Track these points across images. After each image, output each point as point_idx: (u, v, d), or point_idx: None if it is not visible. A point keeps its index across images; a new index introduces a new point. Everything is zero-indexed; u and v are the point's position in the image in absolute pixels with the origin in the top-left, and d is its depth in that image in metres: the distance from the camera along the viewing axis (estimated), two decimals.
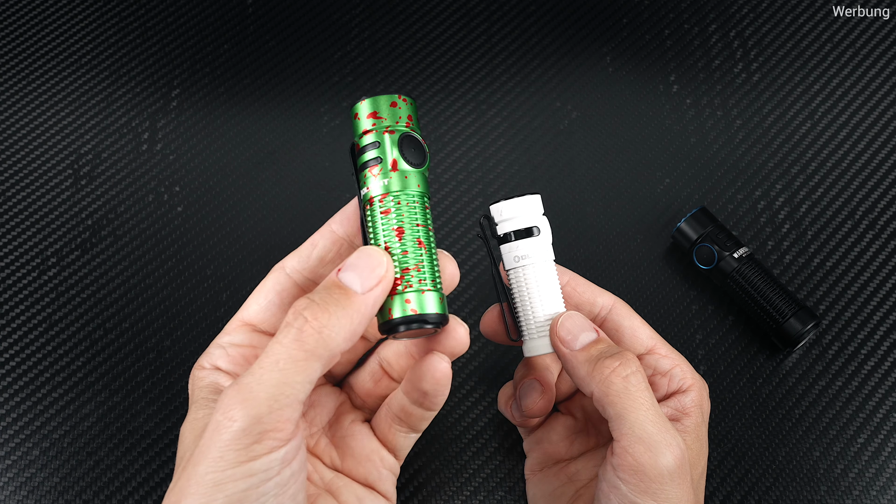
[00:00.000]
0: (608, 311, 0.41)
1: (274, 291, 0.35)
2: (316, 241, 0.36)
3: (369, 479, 0.38)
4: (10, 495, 0.47)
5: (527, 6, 0.60)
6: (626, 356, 0.36)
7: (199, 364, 0.35)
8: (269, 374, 0.29)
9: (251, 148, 0.56)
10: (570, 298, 0.41)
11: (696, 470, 0.38)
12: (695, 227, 0.50)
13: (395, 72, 0.58)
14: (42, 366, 0.50)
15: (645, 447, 0.34)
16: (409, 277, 0.33)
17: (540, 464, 0.44)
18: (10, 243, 0.53)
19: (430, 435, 0.48)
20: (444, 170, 0.55)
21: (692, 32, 0.59)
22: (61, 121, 0.57)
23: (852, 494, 0.47)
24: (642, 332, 0.41)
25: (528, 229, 0.38)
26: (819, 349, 0.50)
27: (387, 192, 0.33)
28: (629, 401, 0.35)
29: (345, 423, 0.39)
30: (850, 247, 0.52)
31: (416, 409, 0.37)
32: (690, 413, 0.38)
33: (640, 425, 0.34)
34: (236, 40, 0.59)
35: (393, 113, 0.34)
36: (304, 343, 0.30)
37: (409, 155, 0.34)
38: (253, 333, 0.35)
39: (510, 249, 0.39)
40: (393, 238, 0.33)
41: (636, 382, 0.35)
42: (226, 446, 0.28)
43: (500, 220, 0.39)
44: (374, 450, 0.39)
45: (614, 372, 0.35)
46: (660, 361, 0.40)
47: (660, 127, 0.56)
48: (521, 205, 0.39)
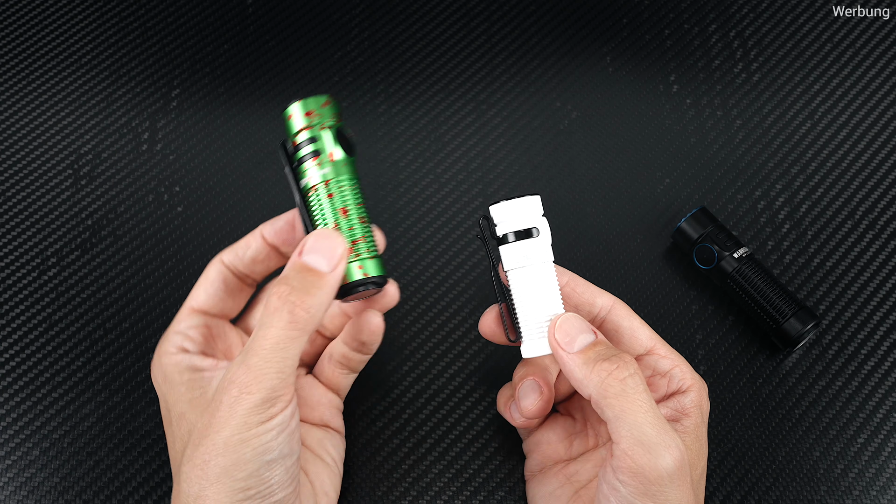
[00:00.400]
0: (607, 312, 0.41)
1: (219, 280, 0.41)
2: (249, 242, 0.41)
3: (324, 419, 0.44)
4: (10, 495, 0.47)
5: (527, 6, 0.60)
6: (624, 358, 0.36)
7: (163, 351, 0.40)
8: (272, 354, 0.35)
9: (251, 148, 0.56)
10: (569, 299, 0.41)
11: (696, 471, 0.38)
12: (695, 227, 0.50)
13: (395, 72, 0.58)
14: (42, 366, 0.50)
15: (644, 449, 0.34)
16: (358, 248, 0.39)
17: (539, 465, 0.44)
18: (10, 243, 0.53)
19: (431, 437, 0.48)
20: (444, 170, 0.55)
21: (692, 32, 0.59)
22: (61, 121, 0.57)
23: (852, 494, 0.47)
24: (642, 332, 0.41)
25: (528, 230, 0.39)
26: (819, 349, 0.50)
27: (329, 179, 0.38)
28: (627, 403, 0.35)
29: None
30: (850, 247, 0.52)
31: (356, 355, 0.43)
32: (690, 413, 0.38)
33: (639, 427, 0.34)
34: (236, 40, 0.59)
35: (325, 111, 0.39)
36: (296, 323, 0.35)
37: (344, 146, 0.39)
38: (204, 316, 0.41)
39: (509, 250, 0.39)
40: (340, 217, 0.38)
41: (634, 385, 0.35)
42: (248, 413, 0.35)
43: (499, 220, 0.39)
44: (322, 394, 0.45)
45: (612, 375, 0.35)
46: (659, 362, 0.40)
47: (660, 127, 0.56)
48: (521, 206, 0.39)
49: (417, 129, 0.56)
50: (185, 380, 0.39)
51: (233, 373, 0.36)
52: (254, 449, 0.35)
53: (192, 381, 0.39)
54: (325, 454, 0.44)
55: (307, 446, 0.43)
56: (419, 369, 0.50)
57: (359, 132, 0.56)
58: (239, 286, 0.42)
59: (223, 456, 0.35)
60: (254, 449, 0.35)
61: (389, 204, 0.54)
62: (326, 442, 0.44)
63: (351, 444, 0.48)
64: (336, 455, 0.45)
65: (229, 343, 0.43)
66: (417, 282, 0.52)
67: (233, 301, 0.42)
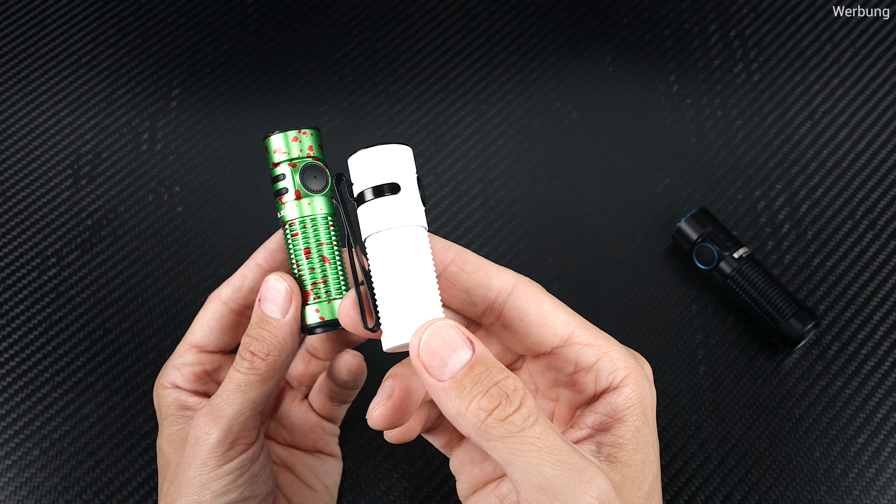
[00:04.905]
0: (507, 296, 0.32)
1: (214, 319, 0.41)
2: (245, 273, 0.40)
3: (317, 446, 0.45)
4: (10, 495, 0.47)
5: (527, 6, 0.60)
6: (505, 389, 0.28)
7: (160, 384, 0.41)
8: (233, 395, 0.36)
9: (251, 148, 0.56)
10: (456, 281, 0.32)
11: (641, 489, 0.30)
12: (695, 227, 0.50)
13: (395, 72, 0.58)
14: (42, 366, 0.50)
15: (549, 497, 0.27)
16: (317, 290, 0.38)
17: (470, 487, 0.36)
18: (10, 243, 0.53)
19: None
20: (445, 170, 0.55)
21: (692, 32, 0.59)
22: (61, 121, 0.57)
23: (852, 494, 0.47)
24: (554, 317, 0.32)
25: (389, 185, 0.31)
26: (819, 349, 0.50)
27: (293, 219, 0.38)
28: (515, 444, 0.28)
29: (287, 404, 0.46)
30: (850, 247, 0.52)
31: (342, 390, 0.44)
32: (625, 417, 0.31)
33: (536, 471, 0.27)
34: (236, 40, 0.59)
35: (294, 147, 0.38)
36: (257, 370, 0.37)
37: (310, 183, 0.38)
38: (200, 354, 0.41)
39: (365, 211, 0.31)
40: (302, 258, 0.38)
41: (521, 421, 0.28)
42: (207, 454, 0.36)
43: (356, 177, 0.32)
44: (315, 422, 0.46)
45: (491, 416, 0.28)
46: (581, 353, 0.32)
47: (660, 127, 0.56)
48: (380, 156, 0.31)
49: (417, 129, 0.56)
50: (169, 414, 0.40)
51: (199, 412, 0.37)
52: (213, 492, 0.36)
53: (174, 417, 0.40)
54: (315, 482, 0.45)
55: (297, 475, 0.44)
56: None
57: (359, 132, 0.56)
58: (236, 321, 0.41)
59: (187, 496, 0.36)
60: (213, 492, 0.36)
61: None
62: (318, 469, 0.45)
63: (350, 442, 0.48)
64: (329, 481, 0.45)
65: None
66: None
67: (230, 336, 0.42)
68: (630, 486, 0.30)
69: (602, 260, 0.52)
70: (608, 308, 0.51)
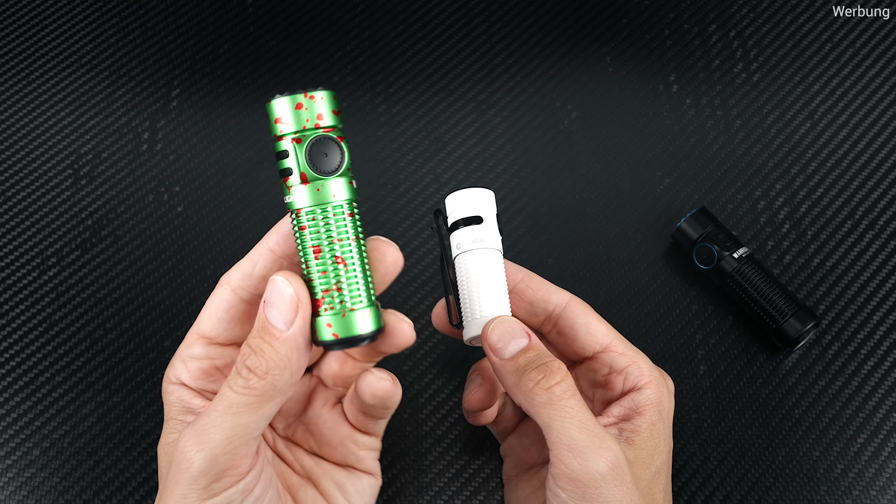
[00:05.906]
0: (563, 309, 0.40)
1: (222, 309, 0.36)
2: (255, 258, 0.35)
3: (348, 461, 0.41)
4: (10, 495, 0.47)
5: (527, 6, 0.60)
6: (551, 367, 0.35)
7: (167, 377, 0.37)
8: (223, 417, 0.32)
9: (251, 148, 0.56)
10: (523, 296, 0.40)
11: (650, 469, 0.37)
12: (695, 227, 0.50)
13: (395, 72, 0.58)
14: (42, 366, 0.50)
15: (573, 454, 0.34)
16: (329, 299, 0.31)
17: (515, 468, 0.44)
18: (10, 243, 0.53)
19: (431, 437, 0.48)
20: (444, 170, 0.55)
21: (692, 32, 0.59)
22: (61, 121, 0.57)
23: (852, 494, 0.47)
24: (597, 329, 0.40)
25: (475, 217, 0.39)
26: (819, 349, 0.50)
27: (301, 207, 0.31)
28: (553, 410, 0.35)
29: (317, 407, 0.41)
30: (850, 247, 0.52)
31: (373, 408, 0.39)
32: (643, 411, 0.38)
33: (567, 433, 0.34)
34: (236, 40, 0.59)
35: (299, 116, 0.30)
36: (253, 389, 0.32)
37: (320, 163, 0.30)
38: (209, 346, 0.37)
39: (456, 236, 0.39)
40: (311, 258, 0.31)
41: (560, 392, 0.35)
42: (188, 486, 0.31)
43: (450, 211, 0.40)
44: (347, 435, 0.40)
45: (538, 384, 0.35)
46: (616, 359, 0.40)
47: (660, 127, 0.56)
48: (470, 196, 0.39)
49: (417, 129, 0.56)
50: (171, 416, 0.36)
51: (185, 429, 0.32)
52: None
53: (174, 422, 0.36)
54: (340, 499, 0.40)
55: (320, 491, 0.40)
56: (420, 368, 0.50)
57: (359, 132, 0.56)
58: (247, 312, 0.36)
59: None
60: None
61: (389, 204, 0.54)
62: (347, 486, 0.40)
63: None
64: (360, 501, 0.40)
65: None
66: (417, 281, 0.52)
67: (241, 328, 0.37)
68: (640, 464, 0.36)
69: (602, 260, 0.52)
70: (608, 308, 0.51)
